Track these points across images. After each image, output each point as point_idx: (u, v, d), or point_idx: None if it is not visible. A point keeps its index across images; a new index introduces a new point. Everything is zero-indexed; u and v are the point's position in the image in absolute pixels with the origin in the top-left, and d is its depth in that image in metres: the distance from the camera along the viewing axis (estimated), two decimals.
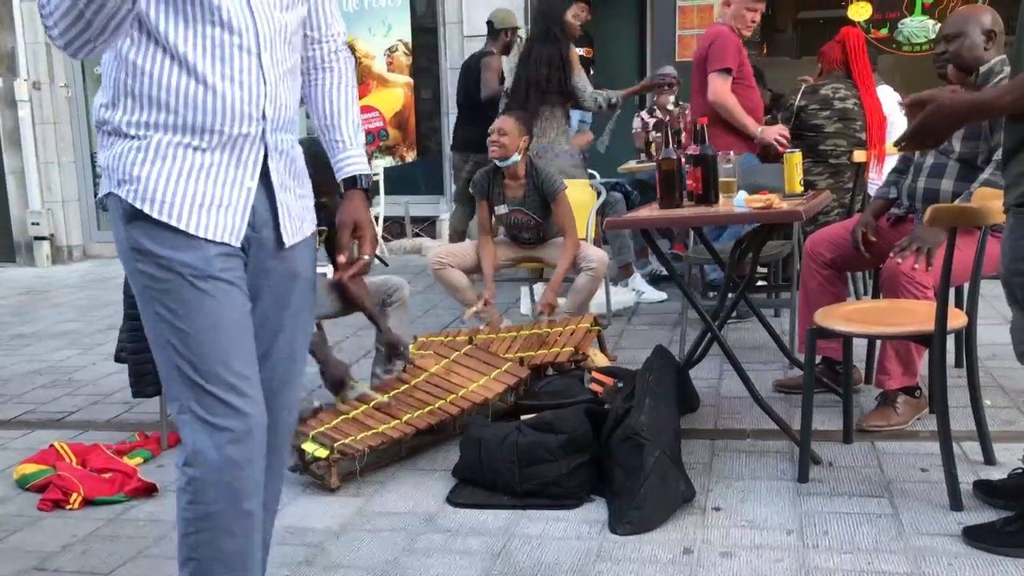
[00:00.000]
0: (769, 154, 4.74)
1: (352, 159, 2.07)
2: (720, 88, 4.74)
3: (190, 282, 1.80)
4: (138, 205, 1.79)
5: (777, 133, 4.70)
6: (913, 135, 2.46)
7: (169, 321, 1.82)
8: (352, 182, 2.08)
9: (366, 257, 2.07)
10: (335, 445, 3.09)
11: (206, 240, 1.82)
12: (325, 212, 3.54)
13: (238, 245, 1.86)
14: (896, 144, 2.58)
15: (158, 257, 1.81)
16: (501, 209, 4.61)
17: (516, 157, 4.47)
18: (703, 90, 4.83)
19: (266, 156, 1.88)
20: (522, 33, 7.05)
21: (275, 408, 1.99)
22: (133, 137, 1.80)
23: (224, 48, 1.78)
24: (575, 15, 5.44)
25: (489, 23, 6.51)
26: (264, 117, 1.84)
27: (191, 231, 1.80)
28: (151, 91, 1.78)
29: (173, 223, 1.79)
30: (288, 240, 1.95)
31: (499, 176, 4.58)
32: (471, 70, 6.52)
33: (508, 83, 5.53)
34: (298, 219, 1.98)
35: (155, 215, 1.79)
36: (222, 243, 1.84)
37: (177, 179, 1.80)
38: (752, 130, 4.75)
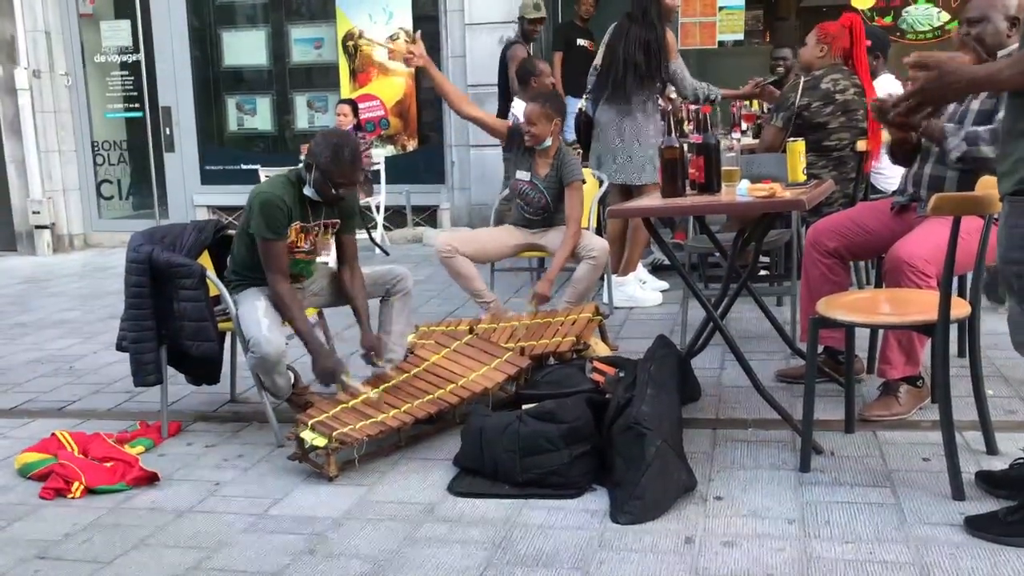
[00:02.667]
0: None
1: None
2: None
3: None
4: None
5: None
6: (909, 98, 2.45)
7: None
8: None
9: None
10: (333, 434, 3.08)
11: None
12: (339, 204, 3.55)
13: None
14: (892, 106, 2.58)
15: None
16: (522, 174, 4.63)
17: (548, 141, 4.54)
18: None
19: None
20: (540, 14, 7.02)
21: None
22: None
23: None
24: None
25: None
26: None
27: None
28: None
29: None
30: None
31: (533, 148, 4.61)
32: (502, 58, 6.99)
33: (598, 60, 5.44)
34: None
35: None
36: None
37: None
38: None
